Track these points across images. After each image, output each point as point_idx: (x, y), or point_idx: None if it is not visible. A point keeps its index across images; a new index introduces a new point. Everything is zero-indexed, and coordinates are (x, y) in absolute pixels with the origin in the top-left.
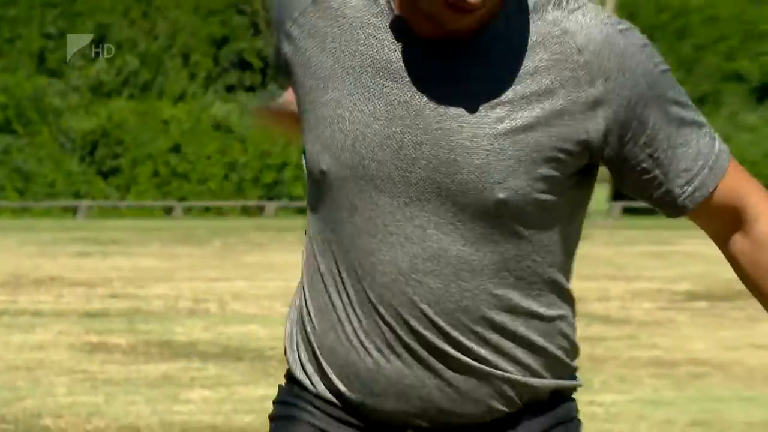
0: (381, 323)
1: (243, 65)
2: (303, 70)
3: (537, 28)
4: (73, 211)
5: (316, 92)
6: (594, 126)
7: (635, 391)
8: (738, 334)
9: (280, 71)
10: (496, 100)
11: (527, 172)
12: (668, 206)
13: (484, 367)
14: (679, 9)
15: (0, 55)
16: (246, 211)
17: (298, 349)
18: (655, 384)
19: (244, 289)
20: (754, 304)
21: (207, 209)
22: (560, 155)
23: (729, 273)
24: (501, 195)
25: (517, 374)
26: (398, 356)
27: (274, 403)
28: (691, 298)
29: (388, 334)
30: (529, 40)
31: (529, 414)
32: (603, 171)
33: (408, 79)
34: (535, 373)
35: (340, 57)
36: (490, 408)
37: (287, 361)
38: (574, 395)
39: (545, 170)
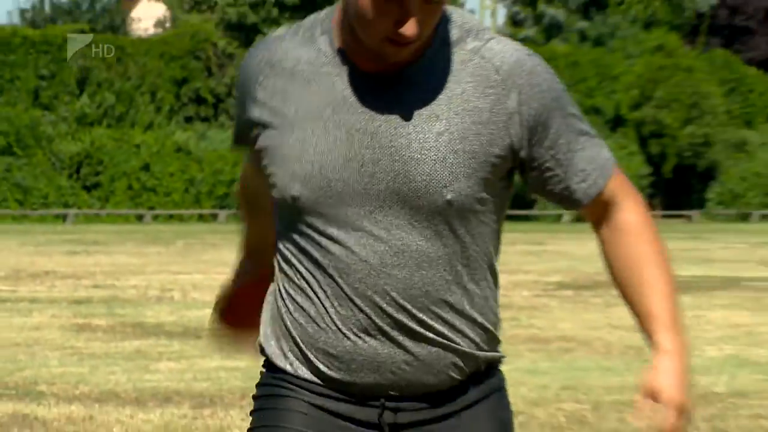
0: (356, 311)
1: (199, 100)
2: (270, 122)
3: (461, 56)
4: (63, 218)
5: (283, 137)
6: (514, 131)
7: (517, 362)
8: (598, 316)
9: (240, 140)
10: (434, 118)
11: (467, 176)
12: (567, 200)
13: (443, 341)
14: (549, 56)
15: (2, 93)
16: (203, 218)
17: (278, 343)
18: (533, 356)
19: (202, 280)
20: (612, 292)
21: (171, 216)
22: (493, 159)
23: (590, 267)
24: (448, 197)
25: (465, 347)
26: (372, 337)
27: (258, 385)
28: (560, 287)
29: (363, 320)
30: (456, 66)
31: (472, 382)
32: None
33: (361, 110)
34: (478, 346)
35: (301, 105)
36: (447, 377)
37: (265, 354)
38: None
39: (482, 173)
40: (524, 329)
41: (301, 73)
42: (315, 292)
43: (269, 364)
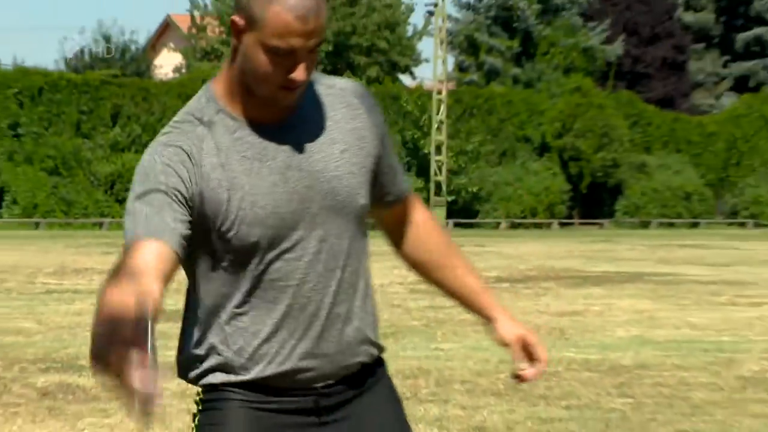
0: (300, 318)
1: None
2: (212, 201)
3: (324, 92)
4: (100, 225)
5: (228, 204)
6: (376, 143)
7: (464, 342)
8: (528, 303)
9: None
10: (333, 141)
11: (366, 182)
12: (395, 199)
13: (361, 327)
14: (488, 95)
15: (51, 125)
16: None
17: (213, 366)
18: (476, 336)
19: None
20: (540, 284)
21: None
22: (372, 167)
23: (522, 265)
24: (362, 201)
25: (371, 335)
26: (313, 338)
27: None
28: (498, 281)
29: (304, 323)
30: (326, 99)
31: (374, 366)
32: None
33: (280, 153)
34: (375, 334)
35: (230, 172)
36: (361, 363)
37: (199, 382)
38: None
39: (369, 180)
40: (470, 315)
41: (221, 150)
42: (265, 313)
43: (207, 386)
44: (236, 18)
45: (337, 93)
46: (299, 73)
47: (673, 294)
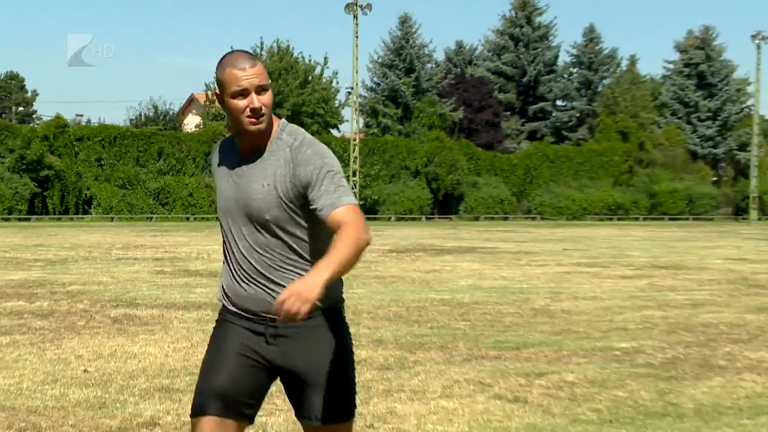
0: (245, 272)
1: None
2: (215, 184)
3: (279, 143)
4: (150, 219)
5: (218, 187)
6: (297, 181)
7: (369, 288)
8: (407, 265)
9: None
10: (266, 174)
11: (278, 206)
12: (321, 215)
13: (282, 288)
14: (383, 142)
15: (121, 159)
16: (218, 219)
17: (223, 289)
18: (377, 286)
19: (217, 249)
20: (415, 254)
21: (203, 218)
22: (296, 195)
23: (404, 242)
24: (267, 217)
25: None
26: (255, 286)
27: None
28: (390, 252)
29: (247, 277)
30: (276, 146)
31: (319, 313)
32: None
33: (241, 171)
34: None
35: (222, 172)
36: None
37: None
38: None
39: (288, 205)
40: (372, 272)
41: (225, 158)
42: (229, 260)
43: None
44: (216, 91)
45: (284, 148)
46: (254, 103)
47: (493, 259)
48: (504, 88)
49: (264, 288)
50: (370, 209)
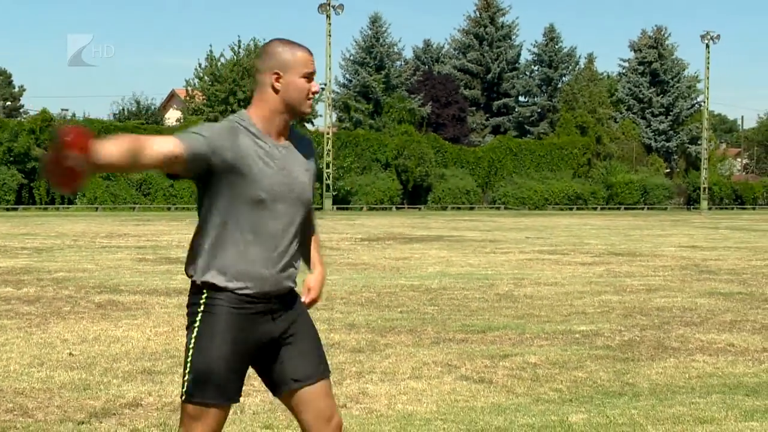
0: (281, 254)
1: None
2: (240, 168)
3: (299, 134)
4: (132, 209)
5: (250, 171)
6: (315, 169)
7: (342, 275)
8: (378, 253)
9: (195, 164)
10: (305, 161)
11: (312, 188)
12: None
13: (296, 267)
14: (355, 135)
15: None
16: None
17: (218, 273)
18: (349, 273)
19: None
20: (386, 242)
21: (184, 208)
22: (315, 182)
23: (375, 231)
24: (311, 197)
25: (298, 271)
26: (281, 267)
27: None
28: (362, 240)
29: (280, 260)
30: (299, 137)
31: (294, 292)
32: (329, 193)
33: (277, 158)
34: (297, 271)
35: (255, 159)
36: (291, 286)
37: (208, 280)
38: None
39: (312, 190)
40: (345, 259)
41: (247, 150)
42: (256, 244)
43: (211, 286)
44: (270, 73)
45: (302, 138)
46: (316, 87)
47: (460, 247)
48: (469, 84)
49: (285, 269)
50: (342, 199)
